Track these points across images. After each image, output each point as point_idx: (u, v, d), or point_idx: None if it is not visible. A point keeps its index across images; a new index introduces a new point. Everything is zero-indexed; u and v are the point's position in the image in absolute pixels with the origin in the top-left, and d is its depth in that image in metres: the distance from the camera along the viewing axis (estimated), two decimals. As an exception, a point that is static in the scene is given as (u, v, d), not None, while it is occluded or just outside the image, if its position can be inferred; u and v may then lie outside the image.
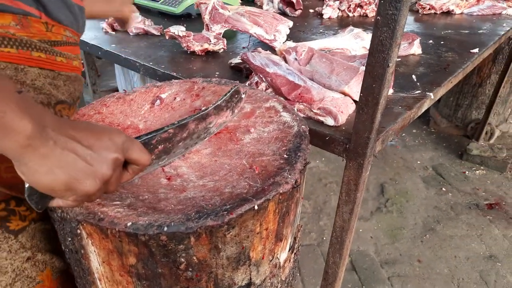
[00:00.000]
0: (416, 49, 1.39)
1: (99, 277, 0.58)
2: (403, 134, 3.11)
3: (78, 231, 0.53)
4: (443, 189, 2.48)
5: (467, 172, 2.64)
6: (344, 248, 0.95)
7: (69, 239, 0.55)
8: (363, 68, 0.98)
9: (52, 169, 0.42)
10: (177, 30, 1.33)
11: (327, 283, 1.05)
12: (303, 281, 1.82)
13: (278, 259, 0.65)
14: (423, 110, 1.06)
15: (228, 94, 0.71)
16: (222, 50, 1.38)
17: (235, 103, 0.74)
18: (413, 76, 1.18)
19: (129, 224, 0.50)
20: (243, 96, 0.75)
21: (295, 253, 0.73)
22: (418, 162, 2.76)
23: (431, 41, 1.58)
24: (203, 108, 0.67)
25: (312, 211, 2.29)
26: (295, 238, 0.72)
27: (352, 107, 0.94)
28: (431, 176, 2.61)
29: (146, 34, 1.58)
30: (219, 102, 0.69)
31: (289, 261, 0.70)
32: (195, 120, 0.64)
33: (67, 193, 0.45)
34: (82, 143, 0.44)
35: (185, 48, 1.33)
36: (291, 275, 0.74)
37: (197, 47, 1.32)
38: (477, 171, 2.64)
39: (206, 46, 1.32)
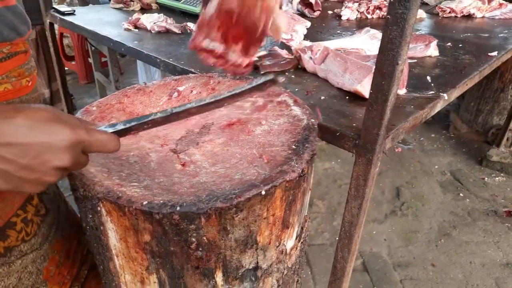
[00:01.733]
0: (432, 51, 1.39)
1: (116, 253, 0.62)
2: (421, 138, 3.08)
3: (98, 208, 0.57)
4: (461, 194, 2.45)
5: (486, 178, 2.59)
6: (352, 243, 0.96)
7: (90, 216, 0.60)
8: (376, 67, 1.00)
9: None
10: (195, 25, 1.38)
11: (335, 277, 1.07)
12: (314, 279, 1.83)
13: (285, 245, 0.68)
14: (436, 111, 1.07)
15: (253, 84, 0.64)
16: None
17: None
18: (428, 77, 1.19)
19: (145, 202, 0.54)
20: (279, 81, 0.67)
21: (302, 242, 0.75)
22: (436, 166, 2.73)
23: (449, 44, 1.57)
24: (213, 95, 0.61)
25: (326, 211, 2.30)
26: (302, 228, 0.74)
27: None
28: (448, 181, 2.58)
29: (167, 32, 1.64)
30: (238, 91, 0.63)
31: (296, 249, 0.73)
32: (197, 108, 0.59)
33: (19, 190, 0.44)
34: (14, 163, 0.40)
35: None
36: (297, 264, 0.77)
37: None
38: (497, 178, 2.59)
39: None
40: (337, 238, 2.11)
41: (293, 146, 0.66)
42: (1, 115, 0.40)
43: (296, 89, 1.09)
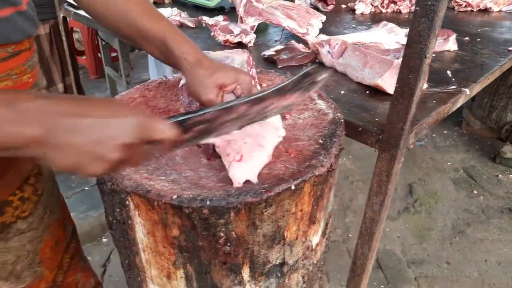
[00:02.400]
0: (451, 45, 1.37)
1: (143, 248, 0.62)
2: (434, 135, 3.05)
3: (127, 202, 0.57)
4: (475, 191, 2.42)
5: (500, 175, 2.56)
6: (373, 239, 0.95)
7: (118, 210, 0.59)
8: (397, 61, 0.98)
9: (60, 158, 0.44)
10: (209, 19, 1.39)
11: (354, 274, 1.06)
12: (327, 276, 1.82)
13: (311, 241, 0.67)
14: (458, 106, 1.05)
15: (297, 77, 0.61)
16: (250, 43, 1.40)
17: (307, 86, 0.63)
18: (448, 72, 1.17)
19: (174, 197, 0.53)
20: (319, 78, 0.64)
21: (326, 238, 0.75)
22: (449, 163, 2.70)
23: (466, 38, 1.55)
24: (259, 90, 0.59)
25: (338, 208, 2.28)
26: (326, 224, 0.73)
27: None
28: (462, 178, 2.55)
29: (181, 26, 1.63)
30: (281, 85, 0.59)
31: (321, 245, 0.72)
32: (247, 103, 0.57)
33: (80, 171, 0.46)
34: (85, 135, 0.43)
35: (214, 38, 1.38)
36: (322, 260, 0.76)
37: (221, 37, 1.36)
38: (511, 175, 2.55)
39: (228, 37, 1.36)
40: (349, 235, 2.10)
41: (320, 141, 0.65)
42: (76, 97, 0.45)
43: (315, 84, 1.08)
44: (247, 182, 0.57)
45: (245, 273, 0.62)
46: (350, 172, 2.61)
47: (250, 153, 0.58)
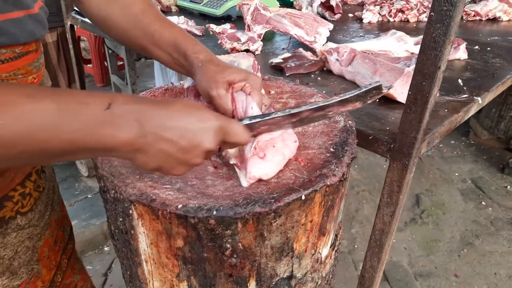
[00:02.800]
0: (461, 54, 1.35)
1: (146, 259, 0.59)
2: (441, 145, 3.01)
3: (130, 211, 0.54)
4: (483, 203, 2.37)
5: (509, 186, 2.52)
6: (383, 252, 0.92)
7: (120, 219, 0.57)
8: (408, 69, 0.96)
9: (148, 162, 0.46)
10: (216, 27, 1.37)
11: (363, 287, 1.02)
12: (333, 288, 1.79)
13: (320, 254, 0.65)
14: (470, 115, 1.02)
15: (363, 90, 0.58)
16: (257, 51, 1.38)
17: (369, 97, 0.61)
18: (459, 81, 1.15)
19: (179, 206, 0.51)
20: (384, 90, 0.61)
21: (335, 251, 0.72)
22: (456, 174, 2.66)
23: (476, 47, 1.53)
24: (326, 100, 0.57)
25: (344, 218, 2.25)
26: (336, 235, 0.71)
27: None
28: (469, 189, 2.51)
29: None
30: (347, 96, 0.57)
31: (330, 257, 0.69)
32: (312, 110, 0.57)
33: (163, 173, 0.50)
34: (175, 143, 0.46)
35: (221, 45, 1.36)
36: (331, 273, 0.73)
37: (228, 45, 1.34)
38: (520, 186, 2.51)
39: (235, 45, 1.34)
40: (355, 246, 2.06)
41: (331, 149, 0.63)
42: (161, 103, 0.47)
43: (324, 91, 1.05)
44: (255, 187, 0.54)
45: (252, 286, 0.59)
46: (356, 182, 2.57)
47: (273, 156, 0.58)
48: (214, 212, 0.50)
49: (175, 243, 0.55)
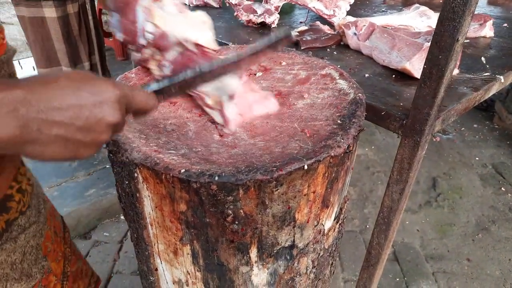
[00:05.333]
0: (487, 31, 1.29)
1: (151, 222, 0.61)
2: (462, 129, 2.93)
3: (135, 174, 0.55)
4: (502, 188, 2.31)
5: (531, 173, 2.44)
6: (390, 229, 0.92)
7: (126, 182, 0.58)
8: (428, 44, 0.93)
9: (44, 151, 0.40)
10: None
11: (368, 264, 1.03)
12: (342, 266, 1.80)
13: (323, 225, 0.65)
14: (490, 94, 0.98)
15: (273, 40, 0.59)
16: (273, 23, 1.36)
17: (279, 46, 0.62)
18: (482, 58, 1.10)
19: (182, 170, 0.52)
20: (293, 37, 0.62)
21: (340, 224, 0.72)
22: (477, 158, 2.59)
23: (505, 25, 1.45)
24: (238, 53, 0.57)
25: (357, 198, 2.24)
26: (341, 209, 0.71)
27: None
28: (489, 174, 2.44)
29: (205, 6, 1.60)
30: (259, 48, 0.58)
31: (334, 230, 0.69)
32: (223, 67, 0.56)
33: (71, 159, 0.43)
34: (70, 125, 0.39)
35: (237, 18, 1.34)
36: (334, 246, 0.73)
37: (244, 17, 1.32)
38: (543, 173, 2.43)
39: (251, 17, 1.32)
40: (367, 226, 2.06)
41: (339, 121, 0.62)
42: (41, 81, 0.39)
43: (338, 66, 1.03)
44: (258, 158, 0.54)
45: (253, 253, 0.60)
46: (372, 163, 2.54)
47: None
48: (216, 178, 0.51)
49: (178, 207, 0.56)
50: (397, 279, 1.74)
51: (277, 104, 0.68)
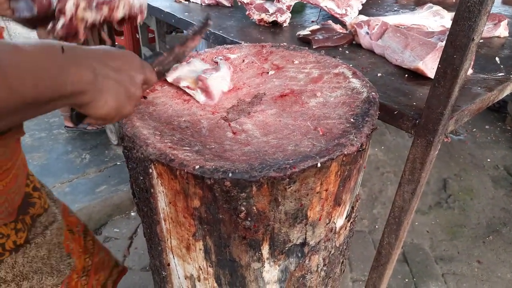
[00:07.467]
0: (502, 31, 1.27)
1: (164, 217, 0.62)
2: (474, 130, 2.89)
3: (150, 170, 0.56)
4: (514, 191, 2.29)
5: (545, 175, 2.40)
6: (401, 229, 0.92)
7: (141, 177, 0.59)
8: (441, 43, 0.92)
9: (107, 101, 0.49)
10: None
11: (378, 264, 1.02)
12: (351, 265, 1.79)
13: (335, 223, 0.65)
14: (505, 94, 0.97)
15: (198, 28, 0.75)
16: (285, 22, 1.36)
17: (203, 32, 0.77)
18: (497, 58, 1.09)
19: (197, 167, 0.52)
20: (210, 23, 0.78)
21: (351, 222, 0.72)
22: (488, 160, 2.56)
23: (520, 25, 1.43)
24: (184, 35, 0.71)
25: (367, 198, 2.23)
26: (352, 208, 0.71)
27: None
28: (501, 176, 2.41)
29: (217, 5, 1.61)
30: (195, 29, 0.74)
31: (345, 228, 0.70)
32: (179, 45, 0.72)
33: (114, 119, 0.53)
34: (120, 71, 0.51)
35: (248, 17, 1.35)
36: (345, 244, 0.74)
37: (256, 16, 1.32)
38: (557, 176, 2.39)
39: (263, 16, 1.32)
40: (376, 226, 2.05)
41: (352, 120, 0.62)
42: (108, 49, 0.52)
43: (351, 65, 1.03)
44: (271, 155, 0.55)
45: (265, 250, 0.61)
46: (381, 163, 2.53)
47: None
48: (230, 174, 0.51)
49: (191, 203, 0.56)
50: (406, 280, 1.73)
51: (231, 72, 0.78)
